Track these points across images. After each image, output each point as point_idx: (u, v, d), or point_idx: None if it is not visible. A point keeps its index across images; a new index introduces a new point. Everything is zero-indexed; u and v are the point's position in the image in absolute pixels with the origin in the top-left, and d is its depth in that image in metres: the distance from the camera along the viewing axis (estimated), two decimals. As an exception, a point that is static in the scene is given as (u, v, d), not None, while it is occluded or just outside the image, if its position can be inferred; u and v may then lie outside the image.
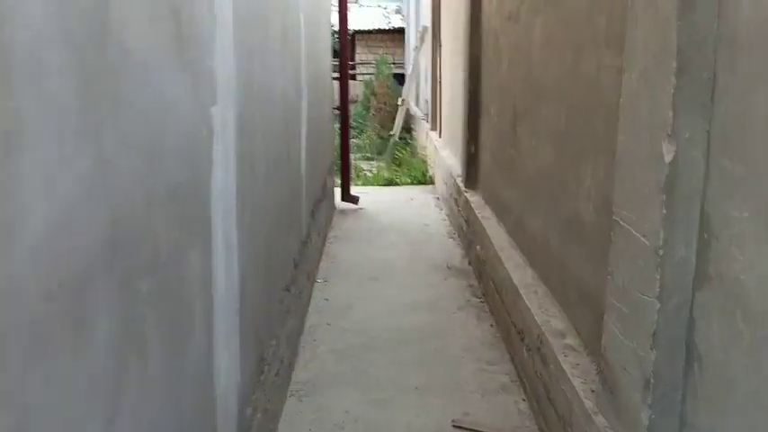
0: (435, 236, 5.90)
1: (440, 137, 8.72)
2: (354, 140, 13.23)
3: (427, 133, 9.62)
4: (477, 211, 4.89)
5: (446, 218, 6.53)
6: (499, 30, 4.57)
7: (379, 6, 21.55)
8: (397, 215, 6.67)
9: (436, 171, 7.99)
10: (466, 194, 5.43)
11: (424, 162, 8.84)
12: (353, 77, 19.27)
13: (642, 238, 1.87)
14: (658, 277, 1.78)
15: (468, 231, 5.26)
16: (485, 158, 5.18)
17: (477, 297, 4.42)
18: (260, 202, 2.49)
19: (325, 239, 5.57)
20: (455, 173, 6.23)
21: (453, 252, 5.41)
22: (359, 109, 16.21)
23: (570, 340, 2.72)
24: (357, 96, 17.61)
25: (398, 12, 20.55)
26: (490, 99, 4.94)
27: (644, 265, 1.85)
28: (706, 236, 1.70)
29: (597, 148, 2.53)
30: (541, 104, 3.40)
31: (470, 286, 4.62)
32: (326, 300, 4.34)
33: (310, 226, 4.37)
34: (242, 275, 2.11)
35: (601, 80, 2.51)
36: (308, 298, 4.15)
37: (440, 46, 8.68)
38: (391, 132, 11.18)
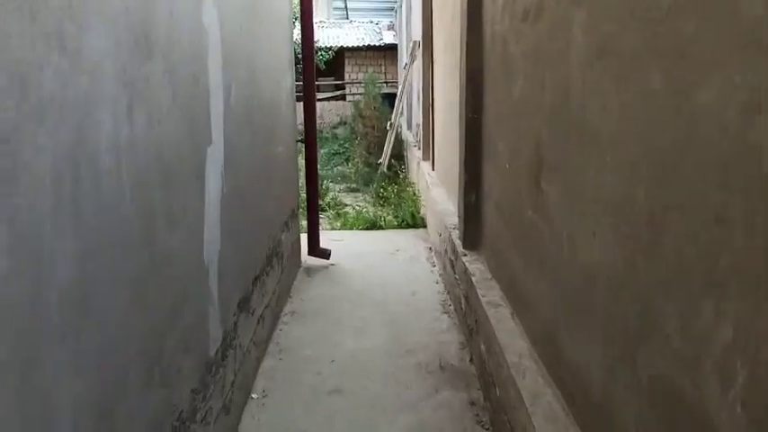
0: (425, 311, 4.47)
1: (433, 169, 7.35)
2: (339, 168, 11.90)
3: (419, 163, 8.24)
4: (479, 290, 3.47)
5: (439, 279, 5.11)
6: (509, 34, 3.20)
7: (371, 22, 20.34)
8: (378, 275, 5.24)
9: (428, 213, 6.59)
10: (464, 259, 4.02)
11: (415, 200, 7.44)
12: (343, 98, 18.01)
13: None
14: None
15: (467, 312, 3.84)
16: (490, 213, 3.77)
17: (484, 426, 2.99)
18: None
19: (276, 320, 4.15)
20: (450, 223, 4.83)
21: (449, 338, 3.99)
22: (346, 132, 14.89)
23: None
24: (347, 118, 16.32)
25: (391, 28, 19.32)
26: (498, 132, 3.55)
27: None
28: None
29: (743, 279, 1.13)
30: (590, 155, 2.00)
31: (473, 404, 3.19)
32: (259, 437, 2.91)
33: (236, 327, 2.95)
34: None
35: (759, 128, 1.11)
36: (225, 445, 2.71)
37: (432, 62, 7.34)
38: (379, 161, 9.80)
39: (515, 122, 3.08)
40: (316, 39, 15.99)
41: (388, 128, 9.93)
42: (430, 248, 6.02)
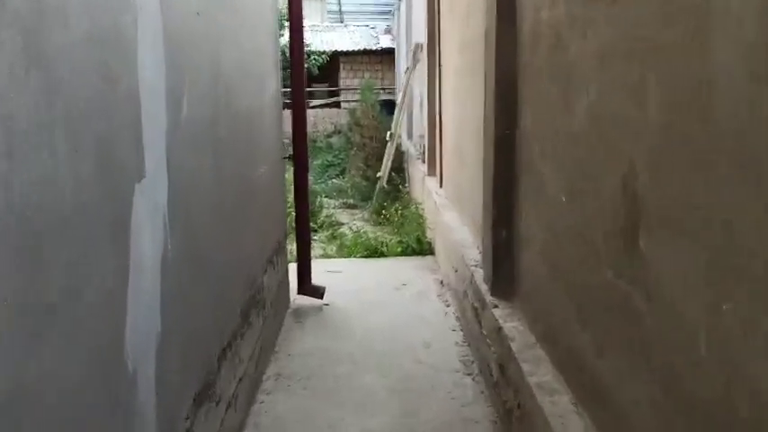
0: (443, 371, 3.60)
1: (441, 187, 6.49)
2: (334, 181, 11.04)
3: (424, 179, 7.39)
4: (523, 364, 2.60)
5: (456, 325, 4.23)
6: (566, 24, 2.35)
7: (367, 26, 19.53)
8: (382, 320, 4.37)
9: (437, 238, 5.73)
10: (495, 312, 3.16)
11: (421, 221, 6.57)
12: (337, 105, 17.18)
13: None
14: None
15: (502, 383, 2.97)
16: (532, 258, 2.92)
17: None
18: None
19: (255, 389, 3.27)
20: (470, 258, 3.97)
21: (476, 414, 3.11)
22: (341, 141, 14.04)
23: None
24: (342, 126, 15.49)
25: (388, 31, 18.51)
26: (545, 155, 2.70)
27: None
28: None
29: None
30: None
31: None
32: None
33: None
34: None
35: None
36: None
37: (439, 66, 6.49)
38: (378, 174, 8.94)
39: (580, 146, 2.22)
40: (308, 42, 15.04)
41: (387, 138, 9.07)
42: (441, 282, 5.15)
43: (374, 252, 5.95)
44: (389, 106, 13.09)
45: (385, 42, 17.68)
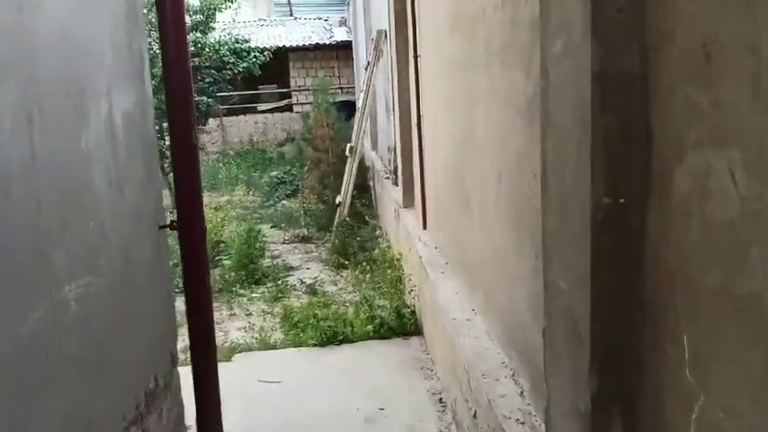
0: None
1: (424, 227, 4.62)
2: (285, 203, 9.08)
3: (398, 212, 5.50)
4: None
5: None
6: None
7: (319, 18, 17.51)
8: None
9: (428, 315, 3.84)
10: None
11: (401, 286, 4.63)
12: (290, 109, 15.16)
13: None
14: None
15: None
16: None
17: None
18: None
19: None
20: (500, 403, 2.11)
21: None
22: (294, 152, 12.05)
23: None
24: (295, 133, 13.48)
25: (343, 23, 16.54)
26: None
27: None
28: None
29: None
30: None
31: None
32: None
33: None
34: None
35: None
36: None
37: (415, 57, 4.60)
38: (338, 200, 7.00)
39: None
40: (248, 37, 12.69)
41: (347, 153, 7.13)
42: (440, 401, 3.26)
43: (334, 337, 4.01)
44: (349, 108, 11.17)
45: (340, 35, 15.70)
